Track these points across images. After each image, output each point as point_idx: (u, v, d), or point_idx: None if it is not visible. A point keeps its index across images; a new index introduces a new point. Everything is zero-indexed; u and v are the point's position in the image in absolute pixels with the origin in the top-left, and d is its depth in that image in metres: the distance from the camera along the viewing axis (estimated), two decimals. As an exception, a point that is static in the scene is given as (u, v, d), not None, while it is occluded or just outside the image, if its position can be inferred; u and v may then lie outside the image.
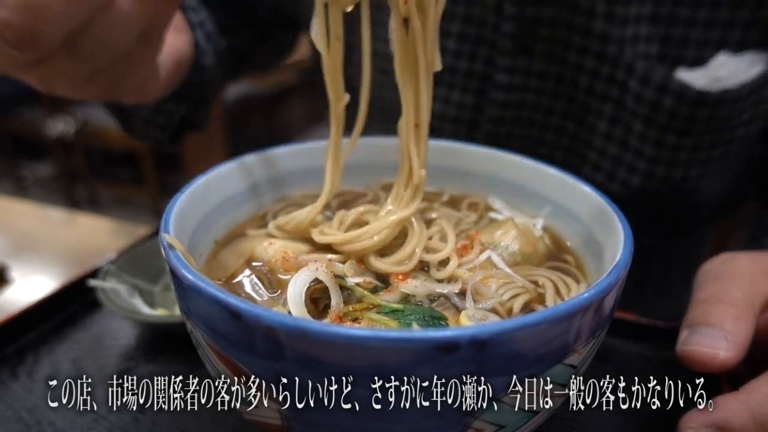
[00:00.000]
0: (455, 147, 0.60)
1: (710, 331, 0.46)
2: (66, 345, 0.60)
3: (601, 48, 0.69)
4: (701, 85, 0.66)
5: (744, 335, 0.46)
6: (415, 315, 0.39)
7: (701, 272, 0.53)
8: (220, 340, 0.35)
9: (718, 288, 0.49)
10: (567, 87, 0.73)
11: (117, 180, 3.81)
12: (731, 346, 0.45)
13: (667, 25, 0.66)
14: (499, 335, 0.31)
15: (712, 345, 0.45)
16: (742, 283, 0.49)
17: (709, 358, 0.45)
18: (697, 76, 0.66)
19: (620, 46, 0.67)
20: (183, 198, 0.46)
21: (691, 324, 0.48)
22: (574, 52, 0.71)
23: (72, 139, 3.49)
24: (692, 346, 0.46)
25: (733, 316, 0.46)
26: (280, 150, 0.57)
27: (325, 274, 0.42)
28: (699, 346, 0.46)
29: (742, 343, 0.45)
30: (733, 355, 0.45)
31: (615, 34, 0.67)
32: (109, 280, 0.63)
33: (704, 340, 0.46)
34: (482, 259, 0.48)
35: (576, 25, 0.69)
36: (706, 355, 0.45)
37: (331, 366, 0.32)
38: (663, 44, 0.67)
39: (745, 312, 0.47)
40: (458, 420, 0.34)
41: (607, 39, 0.68)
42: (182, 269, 0.36)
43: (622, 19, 0.66)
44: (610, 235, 0.45)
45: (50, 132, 3.51)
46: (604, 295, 0.35)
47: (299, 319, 0.32)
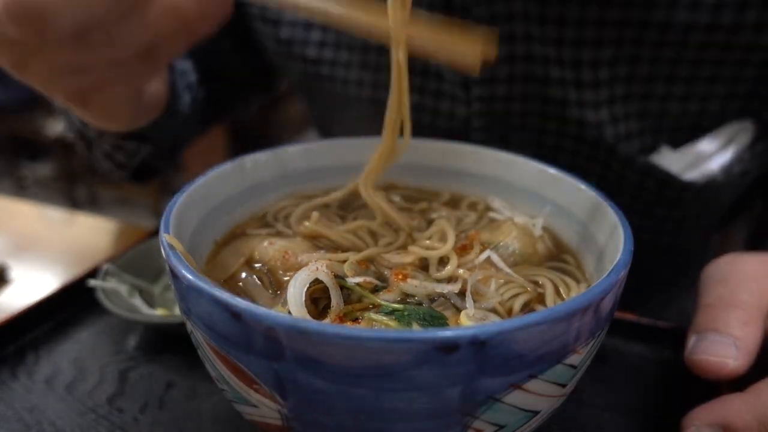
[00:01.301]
0: (455, 147, 0.60)
1: (719, 338, 0.45)
2: (66, 345, 0.60)
3: (579, 132, 0.67)
4: (682, 170, 0.64)
5: (753, 341, 0.45)
6: (414, 315, 0.39)
7: (706, 274, 0.52)
8: (220, 340, 0.35)
9: (725, 291, 0.48)
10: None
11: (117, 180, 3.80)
12: (740, 353, 0.44)
13: (642, 101, 0.64)
14: (499, 335, 0.31)
15: (721, 353, 0.45)
16: (749, 286, 0.48)
17: (718, 368, 0.44)
18: (679, 161, 0.64)
19: (598, 129, 0.66)
20: (183, 198, 0.46)
21: (699, 330, 0.47)
22: (551, 137, 0.70)
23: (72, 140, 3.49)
24: (701, 354, 0.45)
25: (742, 321, 0.46)
26: (280, 150, 0.57)
27: (326, 274, 0.42)
28: (708, 355, 0.45)
29: (751, 349, 0.45)
30: (743, 363, 0.44)
31: (590, 118, 0.65)
32: (109, 280, 0.63)
33: (713, 347, 0.45)
34: (482, 258, 0.48)
35: (550, 115, 0.68)
36: (716, 365, 0.44)
37: (330, 366, 0.32)
38: (640, 120, 0.65)
39: (753, 316, 0.46)
40: (458, 420, 0.34)
41: (584, 124, 0.66)
42: (182, 269, 0.36)
43: (595, 104, 0.65)
44: (609, 236, 0.45)
45: (50, 132, 3.51)
46: (604, 295, 0.35)
47: (299, 319, 0.32)
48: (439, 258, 0.48)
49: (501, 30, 0.64)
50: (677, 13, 0.59)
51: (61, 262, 0.91)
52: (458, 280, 0.45)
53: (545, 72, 0.65)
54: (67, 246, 0.96)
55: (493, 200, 0.58)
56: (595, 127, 0.66)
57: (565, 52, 0.63)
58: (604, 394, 0.54)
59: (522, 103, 0.68)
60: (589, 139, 0.67)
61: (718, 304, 0.47)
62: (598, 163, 0.69)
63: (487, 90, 0.68)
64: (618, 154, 0.66)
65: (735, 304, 0.47)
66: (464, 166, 0.60)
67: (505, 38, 0.65)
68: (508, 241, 0.50)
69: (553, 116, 0.68)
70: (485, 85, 0.68)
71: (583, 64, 0.63)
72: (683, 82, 0.63)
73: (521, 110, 0.69)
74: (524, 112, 0.69)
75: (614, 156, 0.67)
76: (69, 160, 3.66)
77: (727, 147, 0.65)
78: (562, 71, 0.64)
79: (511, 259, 0.50)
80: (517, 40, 0.65)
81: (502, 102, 0.68)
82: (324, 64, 0.76)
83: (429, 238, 0.52)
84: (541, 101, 0.67)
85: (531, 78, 0.66)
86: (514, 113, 0.69)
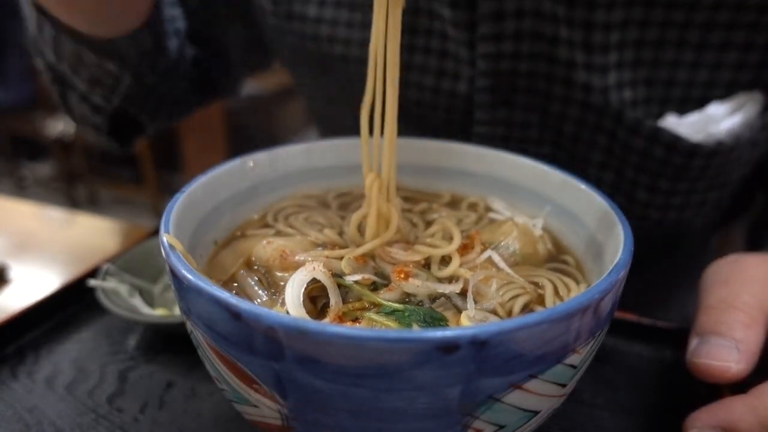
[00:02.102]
0: (454, 147, 0.60)
1: (721, 341, 0.45)
2: (66, 345, 0.60)
3: (585, 98, 0.66)
4: (690, 134, 0.63)
5: (755, 343, 0.45)
6: (415, 315, 0.39)
7: (707, 274, 0.52)
8: (220, 340, 0.35)
9: (727, 292, 0.48)
10: (551, 134, 0.71)
11: (117, 180, 3.82)
12: (742, 356, 0.44)
13: (651, 68, 0.63)
14: (499, 335, 0.31)
15: (723, 357, 0.44)
16: (752, 287, 0.48)
17: (720, 372, 0.44)
18: (687, 126, 0.64)
19: (604, 95, 0.65)
20: (183, 198, 0.46)
21: (701, 332, 0.47)
22: (557, 102, 0.69)
23: (72, 139, 3.50)
24: (703, 358, 0.45)
25: (744, 323, 0.45)
26: (281, 150, 0.57)
27: (323, 273, 0.42)
28: (709, 359, 0.45)
29: (753, 351, 0.45)
30: (745, 367, 0.44)
31: (597, 83, 0.64)
32: (109, 280, 0.63)
33: (715, 351, 0.45)
34: (483, 258, 0.48)
35: (556, 77, 0.67)
36: (718, 369, 0.44)
37: (330, 366, 0.32)
38: (648, 87, 0.64)
39: (755, 318, 0.46)
40: (458, 420, 0.35)
41: (590, 89, 0.65)
42: (182, 269, 0.36)
43: (603, 68, 0.63)
44: (610, 236, 0.45)
45: (50, 132, 3.52)
46: (603, 296, 0.35)
47: (299, 319, 0.32)
48: (440, 256, 0.48)
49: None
50: None
51: (60, 261, 0.91)
52: (460, 279, 0.45)
53: (554, 31, 0.64)
54: (66, 246, 0.96)
55: (493, 201, 0.59)
56: (601, 93, 0.65)
57: (577, 12, 0.61)
58: (604, 394, 0.54)
59: (529, 62, 0.67)
60: (595, 105, 0.66)
61: (720, 306, 0.47)
62: (604, 133, 0.67)
63: (493, 47, 0.66)
64: (624, 120, 0.65)
65: (737, 306, 0.46)
66: (463, 165, 0.60)
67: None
68: (509, 241, 0.50)
69: (559, 79, 0.67)
70: (491, 41, 0.66)
71: (594, 25, 0.62)
72: (693, 49, 0.62)
73: (528, 70, 0.67)
74: (530, 72, 0.67)
75: (620, 123, 0.66)
76: (69, 160, 3.66)
77: (736, 113, 0.64)
78: (571, 32, 0.63)
79: (511, 259, 0.50)
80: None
81: (509, 60, 0.67)
82: (324, 23, 0.74)
83: (432, 236, 0.52)
84: (548, 62, 0.66)
85: (539, 36, 0.65)
86: (520, 73, 0.67)
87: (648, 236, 0.70)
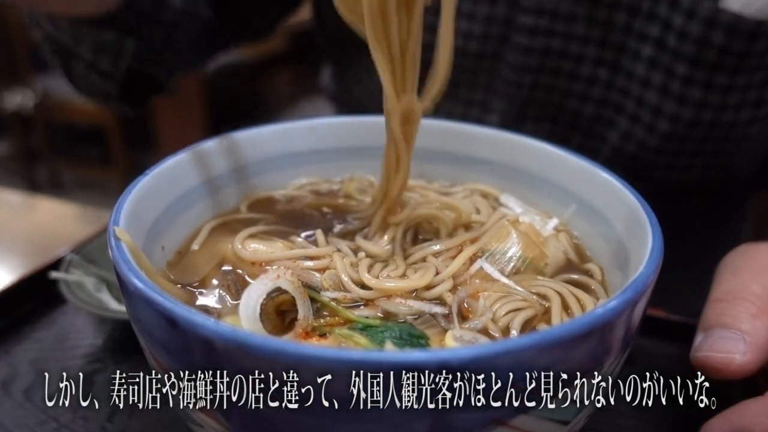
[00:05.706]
0: (466, 129, 0.59)
1: (725, 333, 0.45)
2: (25, 345, 0.60)
3: None
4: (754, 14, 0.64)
5: (763, 335, 0.45)
6: (390, 332, 0.38)
7: (720, 266, 0.53)
8: (160, 348, 0.34)
9: (735, 283, 0.49)
10: (599, 30, 0.72)
11: (82, 160, 3.80)
12: (749, 348, 0.44)
13: None
14: (475, 362, 0.29)
15: (728, 349, 0.44)
16: (761, 277, 0.48)
17: (723, 364, 0.44)
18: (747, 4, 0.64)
19: None
20: (144, 183, 0.45)
21: (706, 326, 0.47)
22: None
23: (31, 114, 3.48)
24: (705, 352, 0.45)
25: (751, 314, 0.45)
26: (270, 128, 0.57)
27: (290, 282, 0.41)
28: (713, 352, 0.45)
29: (761, 343, 0.45)
30: (751, 358, 0.44)
31: None
32: (72, 271, 0.63)
33: (718, 344, 0.45)
34: (473, 271, 0.46)
35: None
36: (721, 361, 0.44)
37: (276, 389, 0.30)
38: None
39: (764, 309, 0.46)
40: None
41: None
42: (124, 268, 0.35)
43: None
44: (637, 242, 0.43)
45: (7, 105, 3.49)
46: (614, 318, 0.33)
47: (239, 331, 0.30)
48: None
49: None
50: None
51: (19, 251, 0.91)
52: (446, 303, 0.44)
53: None
54: (25, 233, 0.96)
55: (507, 199, 0.57)
56: None
57: None
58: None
59: None
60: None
61: (727, 298, 0.48)
62: (658, 21, 0.69)
63: None
64: (681, 4, 0.67)
65: (744, 297, 0.47)
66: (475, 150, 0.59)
67: None
68: (505, 246, 0.48)
69: None
70: None
71: None
72: None
73: None
74: None
75: (677, 8, 0.67)
76: (28, 138, 3.64)
77: None
78: None
79: (511, 266, 0.47)
80: None
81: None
82: None
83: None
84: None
85: None
86: None
87: (687, 190, 0.75)
